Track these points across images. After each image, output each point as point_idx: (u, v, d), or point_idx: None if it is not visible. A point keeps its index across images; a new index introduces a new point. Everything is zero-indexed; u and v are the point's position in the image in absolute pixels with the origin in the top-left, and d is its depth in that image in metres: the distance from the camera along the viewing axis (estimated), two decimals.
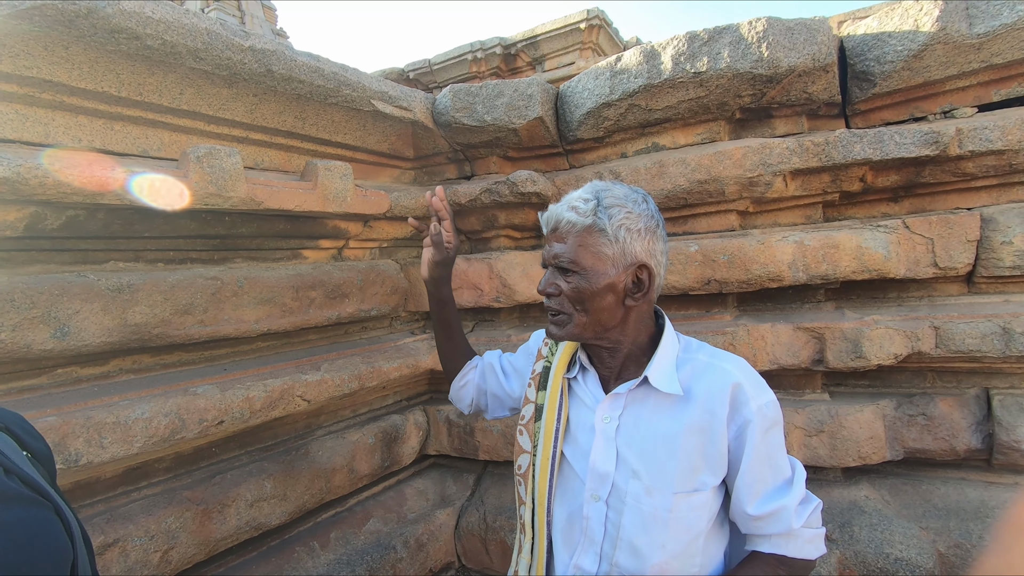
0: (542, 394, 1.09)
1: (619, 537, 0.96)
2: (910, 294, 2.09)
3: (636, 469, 0.97)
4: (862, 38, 1.98)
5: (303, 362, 1.95)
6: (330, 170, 1.86)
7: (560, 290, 0.99)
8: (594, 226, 0.97)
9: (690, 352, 1.06)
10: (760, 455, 0.97)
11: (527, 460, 1.06)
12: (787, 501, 0.98)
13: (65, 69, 1.39)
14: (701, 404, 0.97)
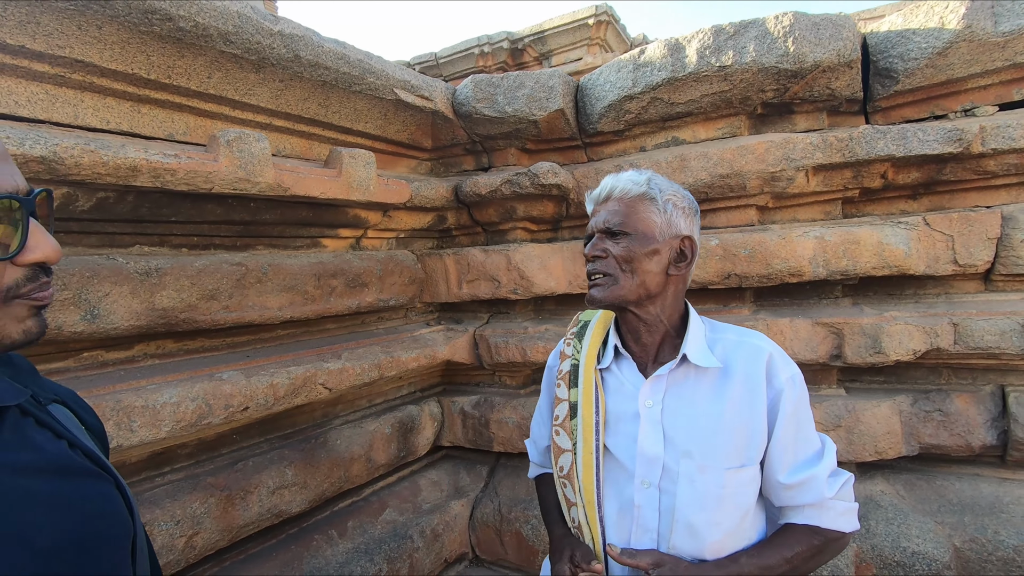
0: (574, 391, 1.09)
1: (675, 519, 0.96)
2: (927, 291, 2.10)
3: (686, 449, 0.97)
4: (886, 35, 1.98)
5: (324, 350, 1.95)
6: (354, 158, 1.86)
7: (608, 253, 1.00)
8: (646, 195, 1.02)
9: (717, 332, 1.08)
10: (791, 424, 0.99)
11: (569, 459, 1.05)
12: (818, 471, 0.99)
13: (97, 49, 1.38)
14: (740, 379, 0.99)
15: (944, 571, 1.81)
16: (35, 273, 0.56)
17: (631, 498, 1.00)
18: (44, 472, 0.58)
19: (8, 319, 0.55)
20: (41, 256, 0.55)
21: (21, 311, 0.56)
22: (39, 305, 0.57)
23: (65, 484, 0.59)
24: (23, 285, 0.55)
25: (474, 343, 2.44)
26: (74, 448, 0.64)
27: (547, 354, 2.27)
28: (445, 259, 2.44)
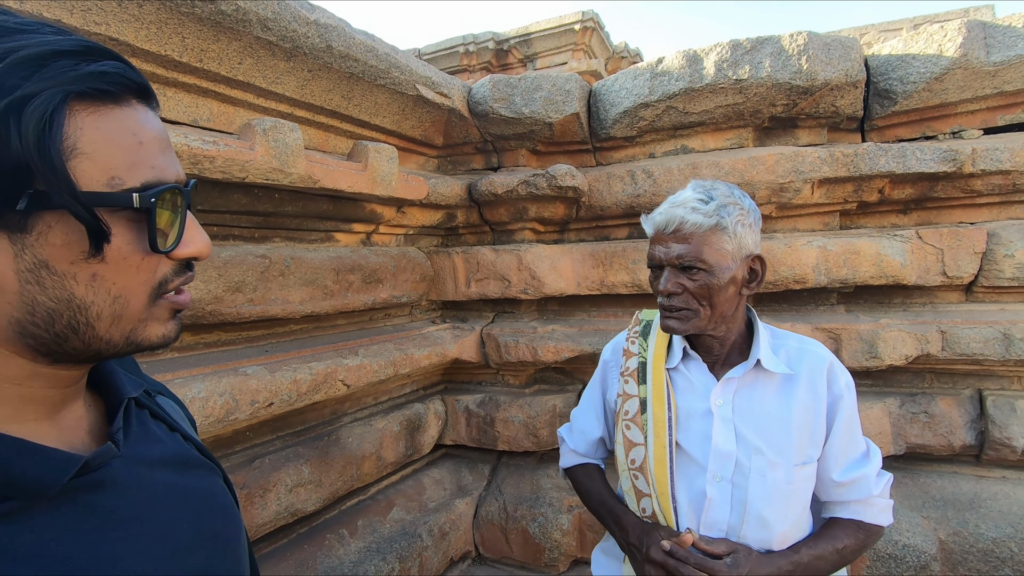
0: (643, 387, 1.13)
1: (746, 511, 1.01)
2: (914, 300, 2.24)
3: (758, 446, 1.02)
4: (887, 58, 2.11)
5: (340, 346, 1.91)
6: (379, 152, 1.84)
7: (684, 288, 1.03)
8: (717, 225, 1.03)
9: (778, 338, 1.15)
10: (847, 426, 1.08)
11: (641, 453, 1.09)
12: (868, 470, 1.08)
13: (133, 28, 1.32)
14: (805, 383, 1.06)
15: (931, 562, 1.94)
16: (182, 268, 0.53)
17: (702, 490, 1.04)
18: (170, 465, 0.58)
19: (152, 320, 0.51)
20: (194, 251, 0.52)
21: (163, 312, 0.52)
22: (178, 308, 0.54)
23: (190, 478, 0.59)
24: (170, 280, 0.52)
25: (481, 342, 2.45)
26: (187, 440, 0.63)
27: (556, 354, 2.30)
28: (453, 257, 2.44)
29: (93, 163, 0.44)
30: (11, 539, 0.42)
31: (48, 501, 0.45)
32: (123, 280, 0.47)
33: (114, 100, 0.46)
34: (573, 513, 2.29)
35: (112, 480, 0.50)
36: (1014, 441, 1.99)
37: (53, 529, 0.45)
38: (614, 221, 2.42)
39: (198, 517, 0.56)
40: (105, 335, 0.48)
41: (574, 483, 1.35)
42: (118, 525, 0.49)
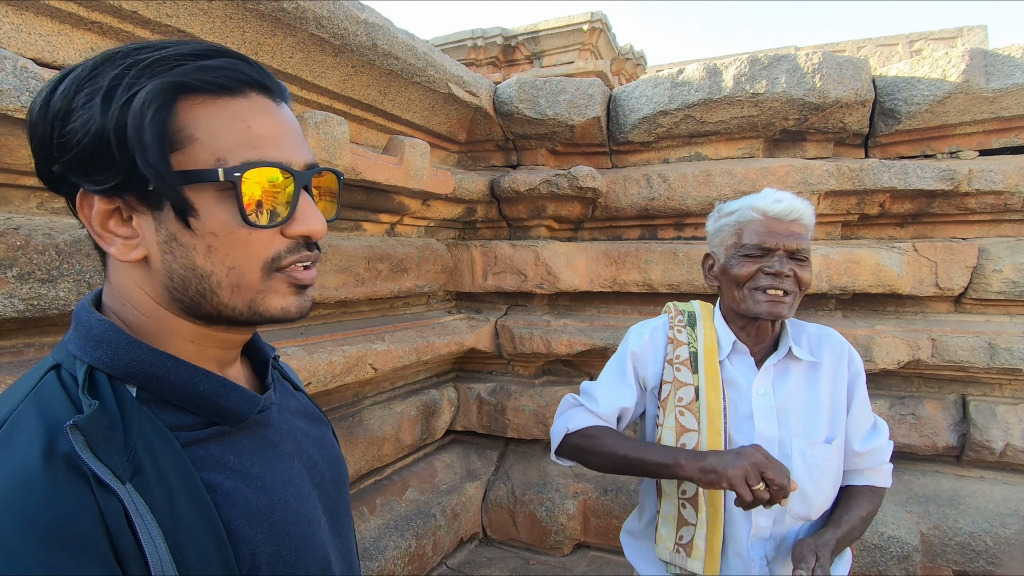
0: (696, 376, 1.22)
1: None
2: (906, 309, 2.38)
3: (797, 428, 1.15)
4: (893, 79, 2.23)
5: (368, 332, 2.00)
6: (414, 147, 1.92)
7: (794, 273, 1.14)
8: (811, 225, 1.18)
9: (797, 327, 1.27)
10: (863, 401, 1.22)
11: (694, 438, 1.18)
12: (881, 441, 1.23)
13: (200, 21, 1.39)
14: (828, 367, 1.20)
15: (913, 553, 2.09)
16: (298, 246, 0.55)
17: None
18: (303, 416, 0.69)
19: (270, 292, 0.55)
20: (305, 229, 0.54)
21: (281, 286, 0.55)
22: (300, 284, 0.56)
23: (316, 428, 0.70)
24: (284, 256, 0.54)
25: (495, 333, 2.54)
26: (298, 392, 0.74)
27: (569, 347, 2.41)
28: (472, 250, 2.53)
29: (204, 147, 0.50)
30: (221, 456, 0.54)
31: (239, 431, 0.57)
32: (235, 252, 0.52)
33: (229, 92, 0.52)
34: (578, 499, 2.40)
35: (273, 421, 0.62)
36: (993, 444, 2.14)
37: (246, 452, 0.56)
38: (627, 222, 2.53)
39: (327, 461, 0.67)
40: (229, 302, 0.54)
41: (587, 442, 1.25)
42: (282, 456, 0.60)
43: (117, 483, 0.44)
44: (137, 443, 0.48)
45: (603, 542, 2.40)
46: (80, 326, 0.53)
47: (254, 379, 0.67)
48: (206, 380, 0.54)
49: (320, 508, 0.62)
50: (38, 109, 0.50)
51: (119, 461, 0.46)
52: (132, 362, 0.52)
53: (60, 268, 1.14)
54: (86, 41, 1.27)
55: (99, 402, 0.48)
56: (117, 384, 0.51)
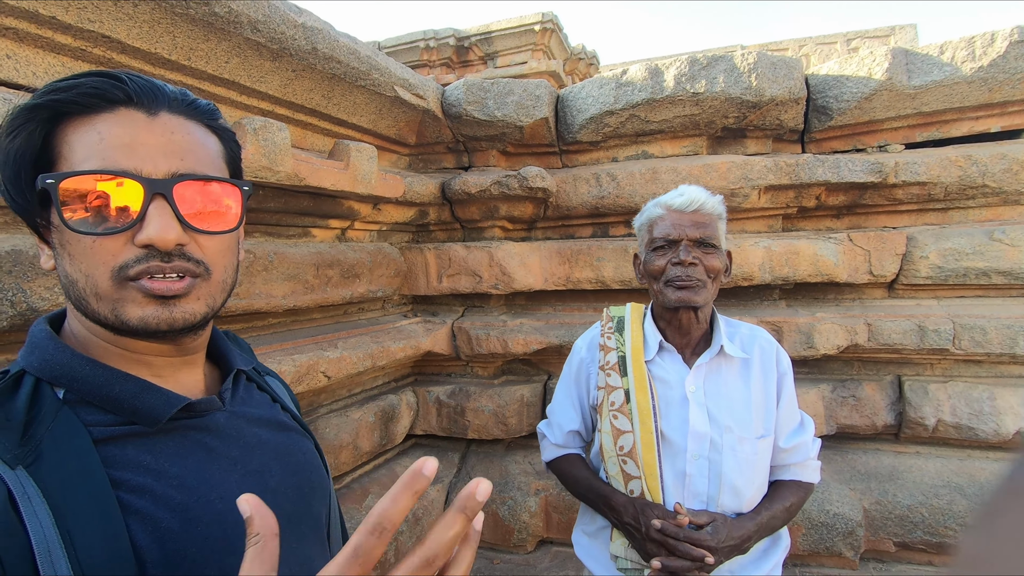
0: (625, 379, 1.26)
1: (722, 483, 1.17)
2: (844, 296, 2.49)
3: (727, 424, 1.18)
4: (824, 78, 2.33)
5: (320, 339, 1.97)
6: (360, 152, 1.90)
7: (700, 262, 1.17)
8: (721, 214, 1.24)
9: (731, 327, 1.32)
10: (789, 399, 1.28)
11: (630, 440, 1.21)
12: (806, 437, 1.29)
13: (126, 27, 1.34)
14: (758, 365, 1.24)
15: (856, 528, 2.19)
16: (148, 256, 0.54)
17: (683, 469, 1.19)
18: (268, 425, 0.70)
19: (126, 301, 0.54)
20: (144, 237, 0.53)
21: (136, 295, 0.54)
22: (157, 294, 0.54)
23: (283, 436, 0.70)
24: (132, 266, 0.53)
25: (452, 335, 2.54)
26: (285, 411, 0.73)
27: (526, 346, 2.43)
28: (425, 253, 2.52)
29: (65, 162, 0.54)
30: (135, 455, 0.55)
31: (165, 432, 0.57)
32: (86, 260, 0.53)
33: (93, 110, 0.54)
34: (540, 496, 2.43)
35: (216, 426, 0.62)
36: (926, 420, 2.27)
37: (167, 453, 0.57)
38: (579, 221, 2.57)
39: (286, 469, 0.67)
40: (98, 310, 0.55)
41: (559, 474, 1.45)
42: (218, 460, 0.60)
43: (4, 467, 0.48)
44: (44, 436, 0.51)
45: (565, 537, 2.43)
46: (28, 335, 0.59)
47: (216, 388, 0.68)
48: (123, 382, 0.56)
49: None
50: None
51: (10, 448, 0.49)
52: (57, 365, 0.56)
53: None
54: (1, 48, 1.22)
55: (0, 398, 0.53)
56: (43, 385, 0.55)
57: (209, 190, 0.58)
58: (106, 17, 1.30)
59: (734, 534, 1.14)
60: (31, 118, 0.53)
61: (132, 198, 0.53)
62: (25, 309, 1.17)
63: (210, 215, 0.58)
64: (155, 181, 0.54)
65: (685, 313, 1.25)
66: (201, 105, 0.61)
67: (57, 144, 0.54)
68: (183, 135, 0.57)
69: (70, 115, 0.54)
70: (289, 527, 0.64)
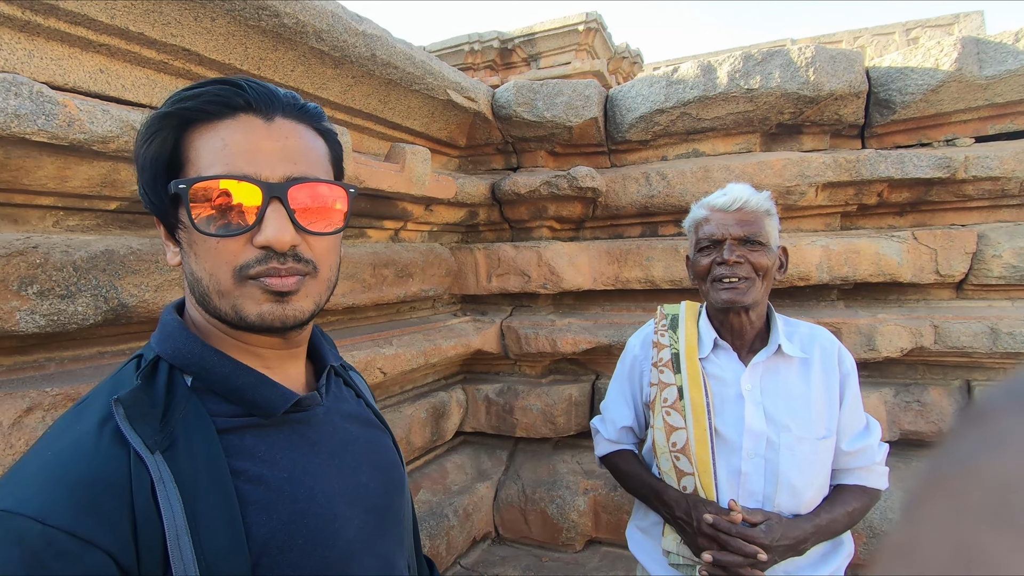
0: (679, 376, 1.26)
1: (779, 482, 1.15)
2: (908, 297, 2.39)
3: (785, 423, 1.16)
4: (887, 70, 2.25)
5: (375, 336, 2.03)
6: (415, 154, 1.95)
7: (746, 259, 1.17)
8: (769, 210, 1.21)
9: (790, 326, 1.29)
10: (852, 402, 1.24)
11: (683, 436, 1.22)
12: (871, 440, 1.24)
13: (204, 40, 1.43)
14: (819, 365, 1.21)
15: None
16: (267, 256, 0.57)
17: (737, 467, 1.18)
18: (356, 421, 0.73)
19: (245, 298, 0.57)
20: (263, 239, 0.56)
21: (255, 292, 0.57)
22: (273, 291, 0.57)
23: (369, 432, 0.74)
24: (252, 266, 0.56)
25: (501, 334, 2.57)
26: (368, 407, 0.76)
27: (575, 346, 2.43)
28: (475, 253, 2.56)
29: (192, 167, 0.58)
30: (252, 445, 0.59)
31: (276, 425, 0.61)
32: (210, 259, 0.57)
33: (217, 117, 0.58)
34: (589, 496, 2.43)
35: (317, 421, 0.66)
36: None
37: (278, 445, 0.61)
38: (628, 220, 2.55)
39: (374, 464, 0.71)
40: (219, 306, 0.58)
41: (612, 469, 1.46)
42: (319, 454, 0.64)
43: (146, 452, 0.51)
44: (177, 422, 0.55)
45: (614, 537, 2.43)
46: (160, 323, 0.63)
47: (313, 383, 0.71)
48: (245, 374, 0.60)
49: (359, 508, 0.65)
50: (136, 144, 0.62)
51: (151, 433, 0.52)
52: (188, 354, 0.59)
53: (78, 284, 1.18)
54: (95, 63, 1.31)
55: (142, 383, 0.56)
56: (176, 373, 0.59)
57: (319, 192, 0.61)
58: (187, 31, 1.38)
59: (789, 534, 1.12)
60: (163, 126, 0.58)
61: (252, 201, 0.56)
62: (116, 305, 1.26)
63: (319, 216, 0.61)
64: (272, 185, 0.57)
65: (735, 315, 1.25)
66: (310, 108, 0.64)
67: (185, 149, 0.58)
68: (295, 139, 0.60)
69: (196, 122, 0.58)
70: (375, 523, 0.67)
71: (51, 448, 0.51)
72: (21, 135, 1.01)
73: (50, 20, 1.18)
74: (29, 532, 0.44)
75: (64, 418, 0.56)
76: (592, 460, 2.56)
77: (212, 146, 0.57)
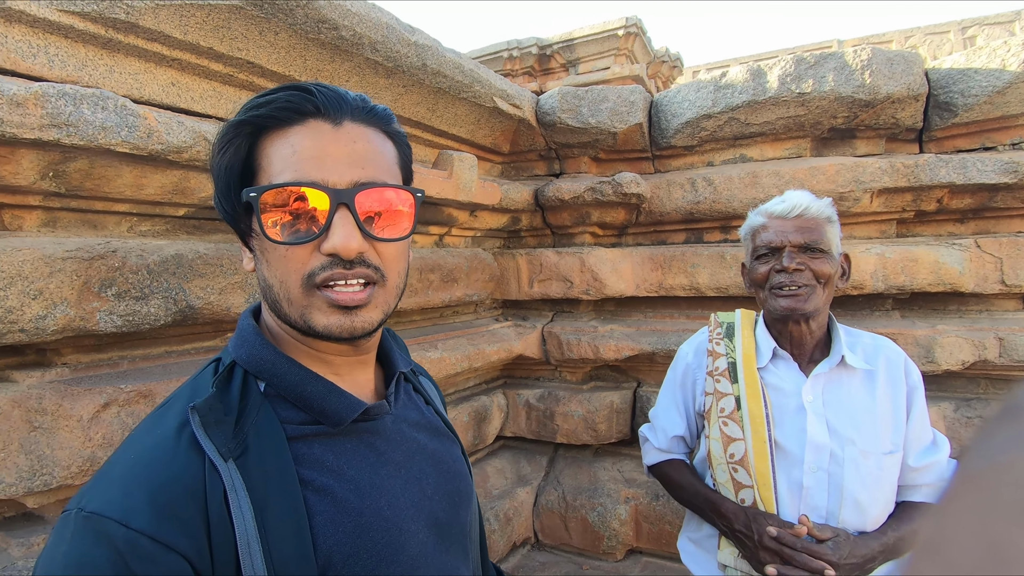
0: (736, 386, 1.24)
1: (843, 497, 1.12)
2: (969, 307, 2.29)
3: (850, 437, 1.13)
4: (948, 71, 2.17)
5: (421, 340, 2.07)
6: (462, 161, 1.98)
7: (806, 267, 1.15)
8: (830, 217, 1.19)
9: (852, 336, 1.26)
10: (920, 415, 1.20)
11: (741, 447, 1.20)
12: (940, 456, 1.20)
13: (267, 53, 1.49)
14: (885, 377, 1.17)
15: None
16: (332, 263, 0.56)
17: (799, 481, 1.15)
18: (424, 429, 0.72)
19: (313, 308, 0.57)
20: (330, 246, 0.55)
21: (322, 303, 0.57)
22: (338, 303, 0.57)
23: (437, 442, 0.73)
24: (318, 273, 0.56)
25: (542, 339, 2.58)
26: (437, 414, 0.76)
27: (617, 352, 2.42)
28: (517, 258, 2.58)
29: (264, 174, 0.58)
30: (320, 454, 0.59)
31: (343, 434, 0.61)
32: (281, 267, 0.57)
33: (287, 123, 0.58)
34: (630, 505, 2.40)
35: (385, 430, 0.65)
36: None
37: (345, 454, 0.60)
38: (672, 226, 2.53)
39: (441, 475, 0.70)
40: (289, 313, 0.58)
41: (662, 478, 1.44)
42: (386, 464, 0.63)
43: (220, 460, 0.51)
44: (250, 428, 0.55)
45: (656, 548, 2.39)
46: (237, 328, 0.64)
47: (382, 389, 0.71)
48: (314, 383, 0.60)
49: (422, 521, 0.64)
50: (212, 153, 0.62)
51: (225, 441, 0.53)
52: (261, 360, 0.60)
53: (151, 286, 1.25)
54: (167, 77, 1.39)
55: (217, 390, 0.56)
56: (250, 378, 0.59)
57: (386, 197, 0.59)
58: (252, 45, 1.44)
59: (857, 552, 1.09)
60: (237, 134, 0.58)
61: (320, 208, 0.56)
62: (184, 306, 1.32)
63: (387, 222, 0.60)
64: (340, 191, 0.56)
65: (795, 324, 1.22)
66: (378, 111, 0.63)
67: (258, 157, 0.59)
68: (364, 143, 0.60)
69: (268, 128, 0.58)
70: (439, 535, 0.66)
71: (133, 451, 0.53)
72: (107, 146, 1.07)
73: (129, 37, 1.25)
74: (115, 534, 0.46)
75: (147, 421, 0.57)
76: (633, 469, 2.53)
77: (282, 153, 0.57)
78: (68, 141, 1.03)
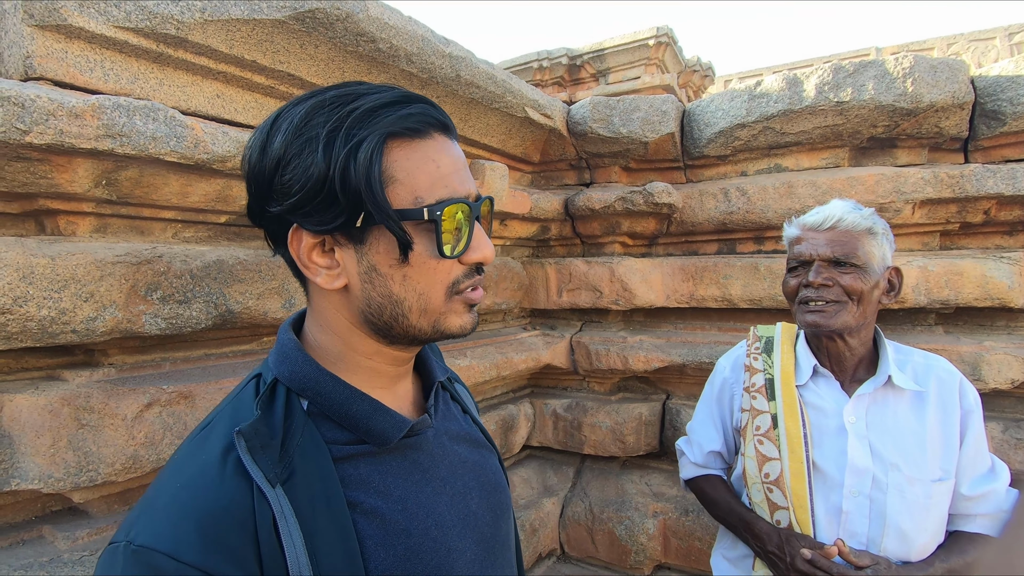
0: (773, 403, 1.20)
1: (886, 525, 1.08)
2: (1018, 323, 2.19)
3: (894, 462, 1.09)
4: (995, 79, 2.09)
5: (450, 347, 2.08)
6: (494, 170, 2.00)
7: (835, 282, 1.12)
8: (870, 229, 1.13)
9: (902, 353, 1.20)
10: (976, 441, 1.13)
11: (777, 467, 1.16)
12: (998, 485, 1.12)
13: (307, 65, 1.53)
14: (936, 400, 1.11)
15: None
16: (472, 271, 0.61)
17: (838, 505, 1.11)
18: (464, 441, 0.71)
19: (450, 313, 0.60)
20: (479, 256, 0.60)
21: (459, 306, 0.60)
22: (471, 303, 0.62)
23: (477, 455, 0.72)
24: (462, 281, 0.59)
25: (570, 349, 2.57)
26: (475, 423, 0.76)
27: (647, 363, 2.39)
28: (546, 267, 2.58)
29: (404, 187, 0.56)
30: (367, 475, 0.58)
31: (388, 452, 0.61)
32: (425, 280, 0.58)
33: (420, 135, 0.57)
34: (658, 519, 2.36)
35: (427, 444, 0.65)
36: None
37: (391, 474, 0.60)
38: (704, 237, 2.49)
39: (483, 489, 0.69)
40: (417, 324, 0.60)
41: (698, 493, 1.42)
42: (430, 481, 0.63)
43: (267, 486, 0.50)
44: (295, 451, 0.54)
45: (684, 564, 2.34)
46: (278, 343, 0.62)
47: (421, 399, 0.71)
48: (360, 402, 0.59)
49: (470, 538, 0.63)
50: (255, 157, 0.57)
51: (271, 466, 0.52)
52: (304, 378, 0.59)
53: (193, 291, 1.29)
54: (213, 89, 1.44)
55: (262, 413, 0.55)
56: (293, 396, 0.58)
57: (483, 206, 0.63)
58: (293, 58, 1.49)
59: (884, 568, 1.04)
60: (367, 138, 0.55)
61: (465, 221, 0.58)
62: (224, 311, 1.35)
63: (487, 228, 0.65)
64: (473, 204, 0.59)
65: (830, 341, 1.18)
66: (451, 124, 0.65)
67: (386, 167, 0.55)
68: (464, 158, 0.64)
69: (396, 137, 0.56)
70: (485, 550, 0.65)
71: (179, 478, 0.52)
72: (156, 155, 1.12)
73: (179, 51, 1.30)
74: (165, 568, 0.45)
75: (189, 444, 0.57)
76: (661, 482, 2.49)
77: (425, 167, 0.57)
78: (121, 151, 1.07)
